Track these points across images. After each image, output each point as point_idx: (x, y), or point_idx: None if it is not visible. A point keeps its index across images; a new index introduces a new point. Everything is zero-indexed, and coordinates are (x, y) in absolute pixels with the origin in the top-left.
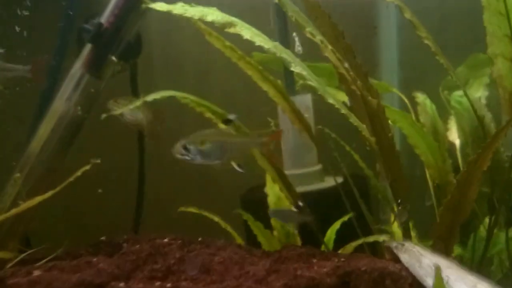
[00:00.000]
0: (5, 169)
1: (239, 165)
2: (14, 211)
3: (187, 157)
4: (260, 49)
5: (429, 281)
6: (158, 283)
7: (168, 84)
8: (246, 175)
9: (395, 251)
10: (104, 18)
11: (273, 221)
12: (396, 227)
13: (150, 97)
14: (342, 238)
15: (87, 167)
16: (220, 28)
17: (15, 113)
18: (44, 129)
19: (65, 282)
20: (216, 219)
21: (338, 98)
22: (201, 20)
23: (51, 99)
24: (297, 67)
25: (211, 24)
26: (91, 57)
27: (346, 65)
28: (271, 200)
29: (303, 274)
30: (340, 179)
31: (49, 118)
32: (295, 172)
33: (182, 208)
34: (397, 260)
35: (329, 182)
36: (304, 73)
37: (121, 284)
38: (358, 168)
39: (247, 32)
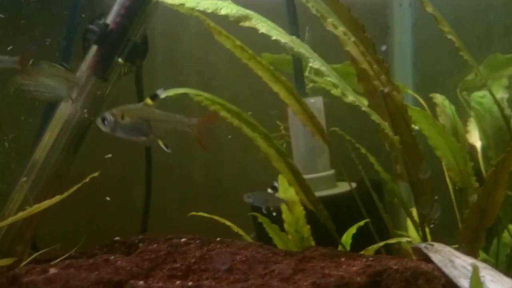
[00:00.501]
0: (11, 175)
1: (165, 145)
2: (20, 215)
3: (105, 129)
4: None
5: (463, 282)
6: (178, 282)
7: (172, 87)
8: (256, 179)
9: (425, 251)
10: (110, 18)
11: (286, 226)
12: (413, 232)
13: (163, 95)
14: (357, 244)
15: (95, 174)
16: (234, 22)
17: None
18: (51, 133)
19: (82, 280)
20: (228, 223)
21: (351, 99)
22: (214, 13)
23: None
24: (315, 63)
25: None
26: (97, 59)
27: (377, 63)
28: (283, 205)
29: (331, 273)
30: (352, 185)
31: (55, 122)
32: (306, 177)
33: (192, 212)
34: (426, 261)
35: (342, 187)
36: (323, 69)
37: (141, 283)
38: (369, 173)
39: (263, 26)
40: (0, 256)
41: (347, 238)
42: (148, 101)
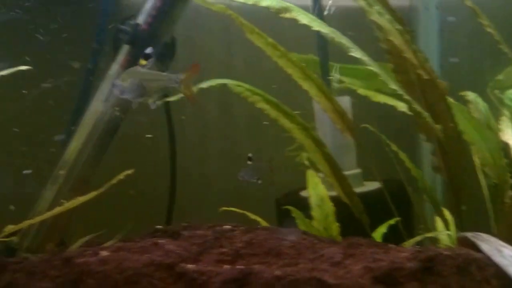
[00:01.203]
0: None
1: (154, 102)
2: (58, 209)
3: (116, 93)
4: None
5: None
6: (227, 266)
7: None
8: (282, 179)
9: (473, 239)
10: (142, 19)
11: (316, 223)
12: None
13: (205, 84)
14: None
15: (130, 172)
16: (275, 14)
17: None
18: (81, 133)
19: (135, 261)
20: (258, 219)
21: (378, 99)
22: (255, 5)
23: (88, 102)
24: (357, 53)
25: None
26: (128, 58)
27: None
28: (313, 201)
29: (382, 258)
30: (378, 184)
31: (86, 120)
32: None
33: (223, 207)
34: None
35: (369, 186)
36: (365, 58)
37: (190, 266)
38: (391, 174)
39: (304, 17)
40: (31, 253)
41: (376, 236)
42: (142, 61)
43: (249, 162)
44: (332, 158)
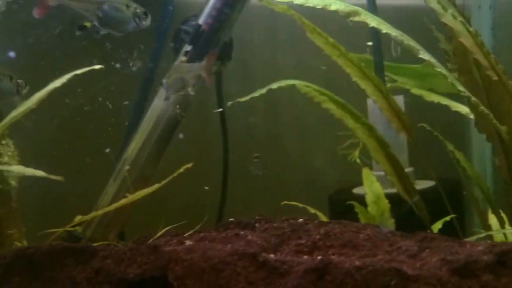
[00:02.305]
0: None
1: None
2: (117, 204)
3: (163, 89)
4: None
5: None
6: (306, 257)
7: (240, 88)
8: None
9: None
10: (202, 19)
11: (371, 219)
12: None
13: (274, 85)
14: None
15: (189, 165)
16: (345, 17)
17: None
18: (143, 130)
19: (219, 250)
20: (319, 213)
21: (431, 99)
22: (324, 9)
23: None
24: (425, 55)
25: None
26: (190, 57)
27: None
28: (369, 198)
29: (458, 251)
30: (429, 183)
31: (148, 118)
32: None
33: (285, 201)
34: None
35: (420, 185)
36: (433, 60)
37: (271, 255)
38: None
39: (373, 20)
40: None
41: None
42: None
43: (256, 160)
44: (395, 157)
